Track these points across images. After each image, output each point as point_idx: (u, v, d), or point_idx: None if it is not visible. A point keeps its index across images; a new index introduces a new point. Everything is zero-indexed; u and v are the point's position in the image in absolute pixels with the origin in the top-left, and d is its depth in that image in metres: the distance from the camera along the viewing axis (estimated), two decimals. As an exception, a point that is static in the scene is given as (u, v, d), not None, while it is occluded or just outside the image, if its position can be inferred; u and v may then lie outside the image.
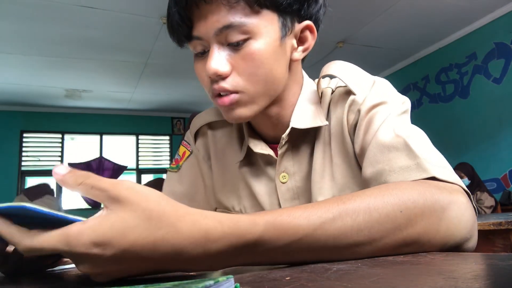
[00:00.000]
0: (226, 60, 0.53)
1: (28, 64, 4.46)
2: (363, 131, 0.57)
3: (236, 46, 0.52)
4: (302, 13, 0.57)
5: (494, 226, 1.58)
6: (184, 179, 0.74)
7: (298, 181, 0.64)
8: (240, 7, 0.51)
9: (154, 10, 3.50)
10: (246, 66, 0.53)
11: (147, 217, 0.31)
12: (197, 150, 0.74)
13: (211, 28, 0.52)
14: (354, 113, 0.59)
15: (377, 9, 3.82)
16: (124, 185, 0.33)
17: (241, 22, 0.51)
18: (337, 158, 0.61)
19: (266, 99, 0.57)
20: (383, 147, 0.52)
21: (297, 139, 0.64)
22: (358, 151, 0.58)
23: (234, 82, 0.54)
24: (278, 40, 0.54)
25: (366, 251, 0.39)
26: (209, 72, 0.53)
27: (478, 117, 4.22)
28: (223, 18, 0.51)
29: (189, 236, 0.32)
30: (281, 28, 0.54)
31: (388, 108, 0.57)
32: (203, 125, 0.74)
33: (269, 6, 0.52)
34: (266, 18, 0.53)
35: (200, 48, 0.55)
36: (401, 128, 0.54)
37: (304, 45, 0.60)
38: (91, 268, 0.32)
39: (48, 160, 5.99)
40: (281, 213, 0.37)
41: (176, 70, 4.85)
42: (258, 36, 0.52)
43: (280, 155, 0.63)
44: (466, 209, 0.44)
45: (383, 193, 0.41)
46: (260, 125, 0.65)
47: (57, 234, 0.31)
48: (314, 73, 0.66)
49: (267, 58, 0.53)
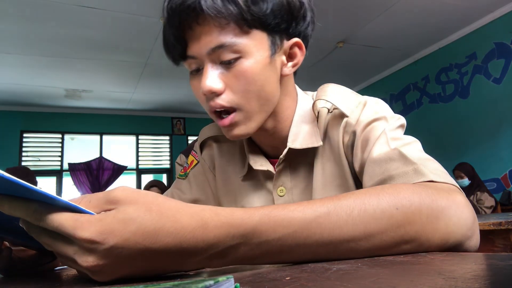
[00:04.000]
0: (219, 78, 0.56)
1: (28, 64, 4.46)
2: (360, 149, 0.59)
3: (228, 65, 0.55)
4: (290, 31, 0.59)
5: (494, 226, 1.58)
6: (192, 186, 0.78)
7: (295, 195, 0.67)
8: (230, 28, 0.53)
9: (154, 10, 3.50)
10: (238, 83, 0.56)
11: (147, 209, 0.33)
12: (203, 160, 0.78)
13: (204, 48, 0.54)
14: (349, 134, 0.62)
15: (377, 9, 3.82)
16: (119, 189, 0.35)
17: (232, 42, 0.54)
18: (336, 179, 0.63)
19: (262, 115, 0.60)
20: (380, 161, 0.54)
21: (295, 157, 0.66)
22: (357, 169, 0.60)
23: (228, 98, 0.56)
24: (268, 58, 0.57)
25: (363, 247, 0.39)
26: (204, 89, 0.55)
27: (478, 117, 4.22)
28: (215, 39, 0.53)
29: (188, 225, 0.34)
30: (270, 46, 0.57)
31: (382, 124, 0.59)
32: (209, 138, 0.77)
33: (258, 26, 0.55)
34: (256, 37, 0.55)
35: (194, 66, 0.58)
36: (395, 140, 0.56)
37: (293, 60, 0.62)
38: (92, 261, 0.32)
39: (48, 160, 5.99)
40: (277, 207, 0.38)
41: (176, 70, 4.81)
42: (249, 54, 0.55)
43: (278, 171, 0.66)
44: (465, 207, 0.44)
45: (378, 192, 0.42)
46: (259, 138, 0.69)
47: (67, 214, 0.32)
48: (314, 73, 0.66)
49: (258, 74, 0.56)
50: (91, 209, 0.34)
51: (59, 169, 6.04)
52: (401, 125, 0.61)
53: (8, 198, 0.33)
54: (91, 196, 0.35)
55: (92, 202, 0.34)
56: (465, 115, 4.38)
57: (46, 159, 5.98)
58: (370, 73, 5.61)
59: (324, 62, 4.80)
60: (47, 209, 0.33)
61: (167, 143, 6.74)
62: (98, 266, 0.32)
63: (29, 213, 0.33)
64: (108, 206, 0.34)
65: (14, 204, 0.33)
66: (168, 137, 6.74)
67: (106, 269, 0.33)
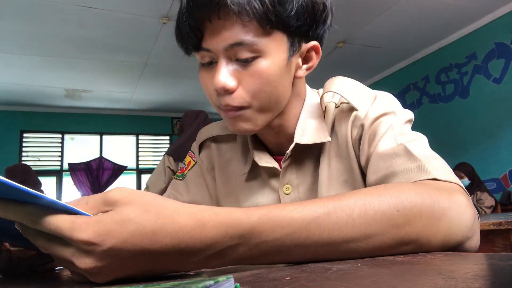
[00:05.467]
0: (234, 75, 0.55)
1: (28, 64, 4.46)
2: (367, 143, 0.59)
3: (245, 63, 0.54)
4: (310, 34, 0.58)
5: (494, 226, 1.58)
6: (189, 187, 0.77)
7: (301, 193, 0.65)
8: (253, 27, 0.52)
9: (154, 10, 3.50)
10: (252, 83, 0.55)
11: (145, 210, 0.33)
12: (201, 161, 0.77)
13: (222, 43, 0.53)
14: (358, 128, 0.61)
15: (377, 9, 3.82)
16: (116, 190, 0.34)
17: (252, 41, 0.52)
18: (342, 174, 0.62)
19: (270, 114, 0.59)
20: (385, 156, 0.54)
21: (301, 153, 0.65)
22: (363, 163, 0.59)
23: (239, 97, 0.55)
24: (285, 60, 0.56)
25: (363, 248, 0.39)
26: (217, 86, 0.54)
27: (478, 117, 4.22)
28: (235, 35, 0.52)
29: (186, 226, 0.33)
30: (289, 48, 0.56)
31: (390, 118, 0.58)
32: (208, 138, 0.76)
33: (280, 28, 0.54)
34: (276, 38, 0.54)
35: (208, 59, 0.57)
36: (402, 136, 0.56)
37: (308, 63, 0.61)
38: (90, 263, 0.32)
39: (48, 160, 5.99)
40: (276, 207, 0.38)
41: (176, 70, 4.85)
42: (267, 55, 0.54)
43: (284, 168, 0.65)
44: (467, 207, 0.44)
45: (380, 192, 0.42)
46: (264, 136, 0.68)
47: (64, 216, 0.32)
48: (314, 73, 0.66)
49: (273, 76, 0.55)
50: (88, 211, 0.33)
51: (59, 169, 6.03)
52: (409, 120, 0.61)
53: (3, 201, 0.33)
54: (88, 198, 0.35)
55: (90, 204, 0.34)
56: (465, 115, 4.38)
57: (46, 159, 5.97)
58: (370, 73, 5.61)
59: (324, 62, 4.79)
60: (43, 212, 0.32)
61: (167, 143, 6.74)
62: (96, 268, 0.32)
63: (25, 216, 0.32)
64: (106, 207, 0.33)
65: (9, 207, 0.33)
66: (168, 137, 6.73)
67: (104, 271, 0.32)
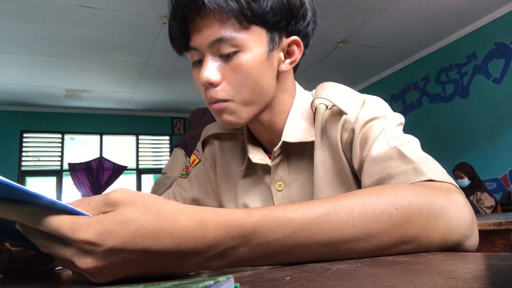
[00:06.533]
0: (218, 70, 0.58)
1: (28, 64, 4.46)
2: (359, 148, 0.59)
3: (227, 58, 0.58)
4: (289, 29, 0.61)
5: (494, 226, 1.58)
6: (193, 184, 0.79)
7: (294, 190, 0.67)
8: (230, 23, 0.56)
9: (154, 10, 3.50)
10: (235, 76, 0.58)
11: (146, 210, 0.33)
12: (205, 158, 0.80)
13: (205, 40, 0.57)
14: (348, 132, 0.62)
15: (377, 9, 3.82)
16: (117, 191, 0.35)
17: (231, 36, 0.56)
18: (336, 174, 0.63)
19: (255, 107, 0.62)
20: (379, 159, 0.54)
21: (293, 151, 0.67)
22: (356, 167, 0.60)
23: (223, 91, 0.59)
24: (265, 53, 0.59)
25: (363, 248, 0.39)
26: (202, 80, 0.58)
27: (478, 117, 4.22)
28: (215, 32, 0.56)
29: (187, 226, 0.34)
30: (268, 42, 0.59)
31: (382, 122, 0.59)
32: (210, 136, 0.79)
33: (257, 22, 0.57)
34: (255, 33, 0.57)
35: (196, 57, 0.61)
36: (394, 139, 0.56)
37: (291, 58, 0.64)
38: (90, 263, 0.32)
39: (48, 160, 5.99)
40: (276, 208, 0.38)
41: (176, 70, 4.85)
42: (247, 49, 0.57)
43: (275, 165, 0.67)
44: (464, 206, 0.45)
45: (379, 192, 0.42)
46: (256, 131, 0.70)
47: (65, 216, 0.32)
48: (314, 73, 0.67)
49: (253, 69, 0.58)
50: (89, 211, 0.33)
51: (59, 169, 6.04)
52: (400, 123, 0.61)
53: (4, 201, 0.33)
54: (89, 199, 0.35)
55: (91, 204, 0.34)
56: (465, 115, 4.38)
57: (46, 159, 5.98)
58: (370, 73, 5.61)
59: (324, 62, 4.79)
60: (44, 212, 0.32)
61: (167, 143, 6.74)
62: (96, 268, 0.32)
63: (25, 216, 0.32)
64: (107, 208, 0.33)
65: (9, 207, 0.33)
66: (168, 137, 6.74)
67: (104, 271, 0.32)
